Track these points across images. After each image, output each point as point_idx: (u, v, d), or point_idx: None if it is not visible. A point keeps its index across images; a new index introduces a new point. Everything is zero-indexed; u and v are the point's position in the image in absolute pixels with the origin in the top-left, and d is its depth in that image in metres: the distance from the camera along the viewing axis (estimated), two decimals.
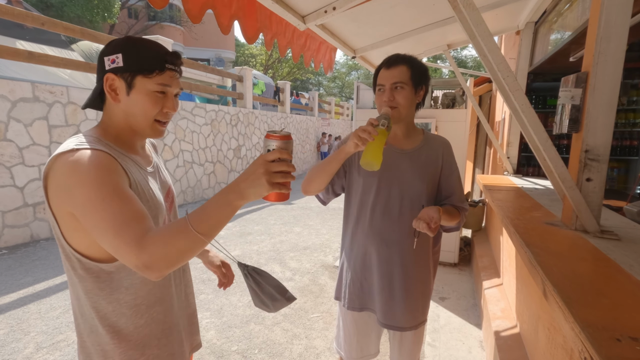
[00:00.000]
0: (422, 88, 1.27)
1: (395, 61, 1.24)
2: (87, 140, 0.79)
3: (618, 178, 3.63)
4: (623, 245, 1.16)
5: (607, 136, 1.21)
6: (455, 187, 1.34)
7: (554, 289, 0.82)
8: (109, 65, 0.81)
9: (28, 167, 4.31)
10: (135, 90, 0.82)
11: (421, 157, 1.31)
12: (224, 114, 7.82)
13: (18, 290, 3.08)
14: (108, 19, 14.27)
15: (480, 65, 23.13)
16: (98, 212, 0.70)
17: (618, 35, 1.14)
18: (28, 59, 4.29)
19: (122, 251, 0.69)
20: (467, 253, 4.04)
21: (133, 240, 0.68)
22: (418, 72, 1.24)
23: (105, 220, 0.70)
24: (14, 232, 4.21)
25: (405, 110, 1.25)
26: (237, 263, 1.10)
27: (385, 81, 1.24)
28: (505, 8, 2.65)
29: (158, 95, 0.84)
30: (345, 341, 1.45)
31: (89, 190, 0.71)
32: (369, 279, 1.36)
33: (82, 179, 0.72)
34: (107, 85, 0.82)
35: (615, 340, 0.62)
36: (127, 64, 0.80)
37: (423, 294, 1.35)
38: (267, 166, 0.70)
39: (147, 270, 0.68)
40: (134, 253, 0.68)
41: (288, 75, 23.22)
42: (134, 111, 0.83)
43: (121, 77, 0.81)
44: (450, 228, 1.38)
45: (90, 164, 0.73)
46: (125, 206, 0.71)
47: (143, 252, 0.67)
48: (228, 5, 1.70)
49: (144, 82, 0.81)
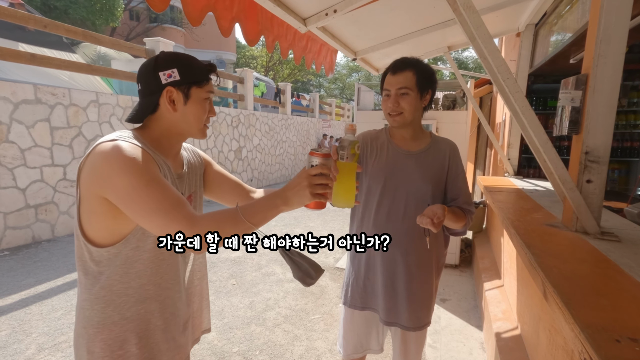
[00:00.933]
0: (428, 92, 1.28)
1: (401, 67, 1.25)
2: (127, 135, 0.86)
3: (619, 179, 3.63)
4: (623, 246, 1.17)
5: (607, 138, 1.21)
6: (461, 190, 1.34)
7: (554, 290, 0.82)
8: (166, 80, 0.89)
9: (30, 168, 4.32)
10: (192, 101, 0.91)
11: (427, 159, 1.32)
12: (224, 115, 7.83)
13: (20, 292, 3.09)
14: (111, 22, 14.31)
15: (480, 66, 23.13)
16: (143, 196, 0.77)
17: (618, 37, 1.14)
18: (30, 61, 4.31)
19: (173, 228, 0.76)
20: (468, 254, 4.04)
21: (184, 217, 0.77)
22: (424, 77, 1.25)
23: (153, 203, 0.77)
24: (15, 234, 4.22)
25: (411, 116, 1.26)
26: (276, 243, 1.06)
27: (391, 87, 1.25)
28: (506, 10, 2.66)
29: (207, 102, 0.95)
30: (344, 337, 1.46)
31: (132, 177, 0.77)
32: (372, 279, 1.37)
33: (123, 167, 0.78)
34: (167, 97, 0.89)
35: (614, 341, 0.63)
36: (183, 77, 0.89)
37: (427, 296, 1.35)
38: (310, 179, 0.83)
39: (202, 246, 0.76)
40: (186, 227, 0.76)
41: (289, 76, 23.26)
42: (189, 118, 0.93)
43: (179, 89, 0.90)
44: (456, 232, 1.36)
45: (131, 154, 0.79)
46: (168, 191, 0.79)
47: (195, 226, 0.77)
48: (229, 8, 1.71)
49: (197, 92, 0.92)
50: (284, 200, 0.84)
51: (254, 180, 9.18)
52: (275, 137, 10.23)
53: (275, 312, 2.83)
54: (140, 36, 17.49)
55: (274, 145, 10.15)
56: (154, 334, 0.92)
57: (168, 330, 0.96)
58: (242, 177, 8.66)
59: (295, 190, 0.83)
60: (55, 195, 4.61)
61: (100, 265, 0.86)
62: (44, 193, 4.49)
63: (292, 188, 0.84)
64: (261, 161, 9.52)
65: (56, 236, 4.65)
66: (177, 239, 0.77)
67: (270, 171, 10.01)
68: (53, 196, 4.59)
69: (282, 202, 0.84)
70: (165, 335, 0.95)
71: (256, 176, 9.31)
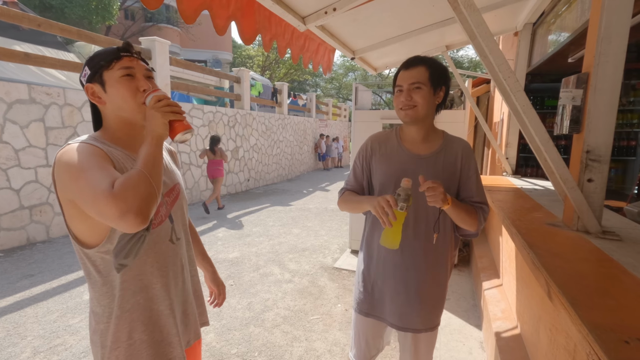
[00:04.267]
0: (442, 89, 1.25)
1: (414, 62, 1.23)
2: (82, 138, 0.90)
3: (616, 178, 3.65)
4: (625, 245, 1.16)
5: (608, 137, 1.21)
6: (474, 190, 1.29)
7: (559, 290, 0.81)
8: (83, 78, 0.93)
9: (24, 169, 4.27)
10: (108, 85, 0.91)
11: (438, 162, 1.28)
12: (221, 115, 7.80)
13: (14, 294, 3.05)
14: (107, 21, 14.21)
15: (476, 66, 23.23)
16: (79, 183, 0.79)
17: (619, 35, 1.14)
18: (24, 60, 4.26)
19: (102, 207, 0.76)
20: (467, 254, 4.04)
21: (106, 191, 0.76)
22: (437, 73, 1.22)
23: (86, 187, 0.79)
24: (10, 235, 4.17)
25: (424, 110, 1.23)
26: None
27: (404, 82, 1.23)
28: (504, 9, 2.66)
29: (127, 79, 0.92)
30: (356, 344, 1.46)
31: (72, 169, 0.81)
32: (380, 284, 1.35)
33: (67, 163, 0.82)
34: (90, 95, 0.93)
35: (623, 343, 0.62)
36: (92, 69, 0.92)
37: (439, 297, 1.34)
38: (154, 107, 0.86)
39: (128, 214, 0.75)
40: (111, 203, 0.75)
41: (285, 76, 23.21)
42: (118, 102, 0.92)
43: (94, 81, 0.92)
44: (468, 233, 1.32)
45: (74, 152, 0.83)
46: (102, 173, 0.80)
47: (117, 199, 0.75)
48: (225, 6, 1.69)
49: (110, 74, 0.91)
50: (150, 136, 0.86)
51: (250, 180, 9.15)
52: (272, 137, 10.20)
53: (273, 313, 2.82)
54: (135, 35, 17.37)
55: (270, 145, 10.12)
56: (159, 319, 0.98)
57: (171, 315, 1.01)
58: (239, 177, 8.63)
59: (149, 122, 0.86)
60: (50, 196, 4.56)
61: (96, 264, 0.90)
62: (39, 194, 4.44)
63: (148, 124, 0.87)
64: (258, 161, 9.49)
65: (51, 237, 4.60)
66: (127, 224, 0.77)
67: (267, 171, 9.98)
68: (48, 197, 4.54)
69: (151, 139, 0.85)
70: (170, 319, 1.00)
71: (253, 176, 9.28)
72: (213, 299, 1.35)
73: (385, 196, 1.11)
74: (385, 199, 1.10)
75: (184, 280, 1.07)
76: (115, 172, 0.83)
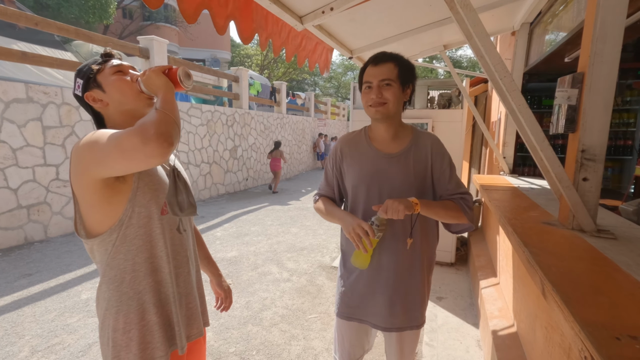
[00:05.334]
0: (409, 86, 1.25)
1: (383, 58, 1.22)
2: None
3: (612, 177, 3.67)
4: (620, 244, 1.17)
5: (603, 136, 1.21)
6: (449, 184, 1.27)
7: (553, 288, 0.82)
8: (78, 91, 0.98)
9: (22, 168, 4.26)
10: (104, 85, 0.97)
11: (409, 160, 1.26)
12: (219, 114, 7.79)
13: (12, 293, 3.05)
14: (104, 20, 14.16)
15: (475, 65, 23.25)
16: (100, 143, 0.82)
17: (614, 35, 1.14)
18: (22, 59, 4.25)
19: (125, 143, 0.79)
20: (464, 252, 4.06)
21: (127, 131, 0.80)
22: (405, 70, 1.22)
23: (109, 139, 0.82)
24: (7, 235, 4.16)
25: (394, 107, 1.22)
26: None
27: (373, 78, 1.21)
28: (501, 9, 2.67)
29: (119, 74, 0.98)
30: (339, 347, 1.46)
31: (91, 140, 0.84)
32: (360, 288, 1.34)
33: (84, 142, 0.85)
34: (91, 102, 0.97)
35: (614, 339, 0.63)
36: (83, 77, 0.98)
37: (419, 296, 1.34)
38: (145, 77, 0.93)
39: (151, 139, 0.77)
40: (132, 135, 0.78)
41: (284, 75, 23.19)
42: (118, 98, 0.97)
43: (90, 88, 0.97)
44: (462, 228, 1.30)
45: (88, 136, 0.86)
46: (120, 131, 0.83)
47: (137, 130, 0.78)
48: (224, 5, 1.70)
49: (103, 76, 0.97)
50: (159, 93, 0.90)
51: (249, 180, 9.15)
52: (270, 136, 10.19)
53: (272, 312, 2.82)
54: (133, 34, 17.33)
55: (269, 144, 10.12)
56: (168, 302, 1.00)
57: (181, 301, 1.04)
58: (237, 176, 8.63)
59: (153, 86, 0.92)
60: (47, 195, 4.55)
61: (105, 250, 0.94)
62: (37, 193, 4.43)
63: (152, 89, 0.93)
64: (256, 160, 9.49)
65: (49, 237, 4.59)
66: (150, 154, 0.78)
67: (265, 170, 9.97)
68: (45, 196, 4.53)
69: (160, 94, 0.90)
70: (173, 307, 1.01)
71: (252, 175, 9.28)
72: (220, 304, 1.35)
73: (362, 224, 1.14)
74: (362, 227, 1.13)
75: (189, 272, 1.08)
76: None
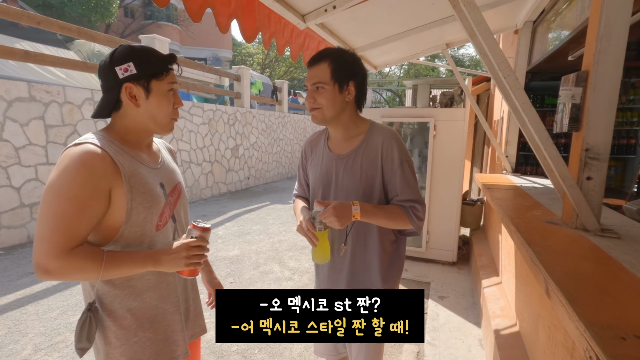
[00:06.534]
0: (350, 84, 1.14)
1: (316, 59, 1.13)
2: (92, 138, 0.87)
3: (615, 176, 3.65)
4: (624, 243, 1.17)
5: (608, 135, 1.21)
6: (399, 187, 1.16)
7: (557, 287, 0.82)
8: (122, 74, 0.87)
9: (24, 167, 4.27)
10: (153, 94, 0.91)
11: (357, 161, 1.18)
12: (221, 113, 7.79)
13: (15, 292, 3.06)
14: (106, 19, 14.20)
15: (477, 64, 23.17)
16: (53, 203, 0.79)
17: (618, 33, 1.14)
18: (24, 58, 4.25)
19: (43, 246, 0.77)
20: (466, 252, 4.05)
21: (59, 247, 0.77)
22: (341, 68, 1.11)
23: (51, 214, 0.78)
24: (10, 233, 4.18)
25: (331, 112, 1.13)
26: None
27: (308, 81, 1.15)
28: (504, 7, 2.66)
29: (171, 93, 0.95)
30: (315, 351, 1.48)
31: (58, 181, 0.80)
32: (320, 285, 1.33)
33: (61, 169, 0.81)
34: (127, 94, 0.89)
35: (620, 339, 0.62)
36: (140, 70, 0.88)
37: None
38: (189, 251, 0.90)
39: (44, 273, 0.77)
40: (50, 256, 0.76)
41: (285, 74, 23.16)
42: (154, 112, 0.93)
43: (138, 84, 0.89)
44: (408, 232, 1.26)
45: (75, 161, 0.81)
46: (75, 215, 0.79)
47: (56, 261, 0.77)
48: (227, 4, 1.69)
49: (158, 85, 0.92)
50: (156, 263, 0.88)
51: (251, 179, 9.15)
52: (272, 135, 10.19)
53: None
54: (135, 33, 17.35)
55: (270, 143, 10.12)
56: (164, 318, 0.98)
57: (177, 312, 1.02)
58: (239, 175, 8.64)
59: (171, 257, 0.88)
60: None
61: None
62: (39, 192, 4.44)
63: (168, 254, 0.89)
64: (258, 159, 9.49)
65: None
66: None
67: (267, 169, 9.98)
68: None
69: (153, 264, 0.88)
70: (175, 316, 1.01)
71: (253, 174, 9.29)
72: (211, 300, 1.35)
73: (303, 220, 1.12)
74: (303, 222, 1.11)
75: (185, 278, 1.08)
76: (86, 225, 0.81)
